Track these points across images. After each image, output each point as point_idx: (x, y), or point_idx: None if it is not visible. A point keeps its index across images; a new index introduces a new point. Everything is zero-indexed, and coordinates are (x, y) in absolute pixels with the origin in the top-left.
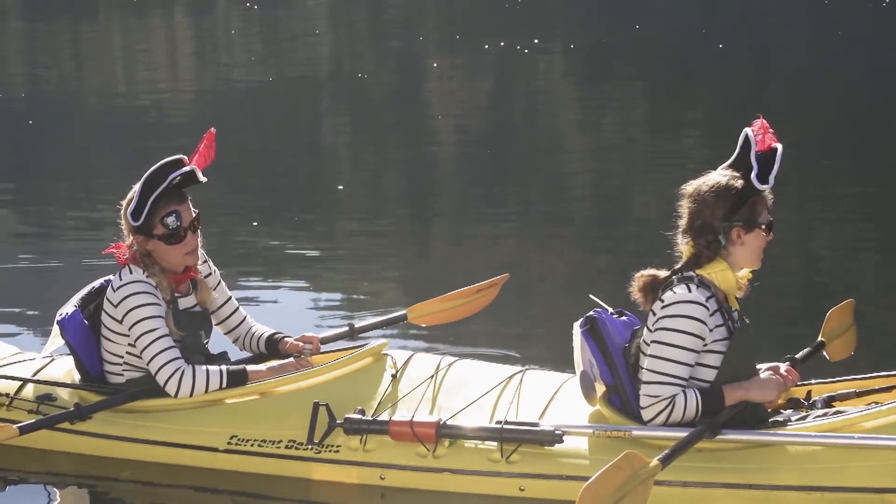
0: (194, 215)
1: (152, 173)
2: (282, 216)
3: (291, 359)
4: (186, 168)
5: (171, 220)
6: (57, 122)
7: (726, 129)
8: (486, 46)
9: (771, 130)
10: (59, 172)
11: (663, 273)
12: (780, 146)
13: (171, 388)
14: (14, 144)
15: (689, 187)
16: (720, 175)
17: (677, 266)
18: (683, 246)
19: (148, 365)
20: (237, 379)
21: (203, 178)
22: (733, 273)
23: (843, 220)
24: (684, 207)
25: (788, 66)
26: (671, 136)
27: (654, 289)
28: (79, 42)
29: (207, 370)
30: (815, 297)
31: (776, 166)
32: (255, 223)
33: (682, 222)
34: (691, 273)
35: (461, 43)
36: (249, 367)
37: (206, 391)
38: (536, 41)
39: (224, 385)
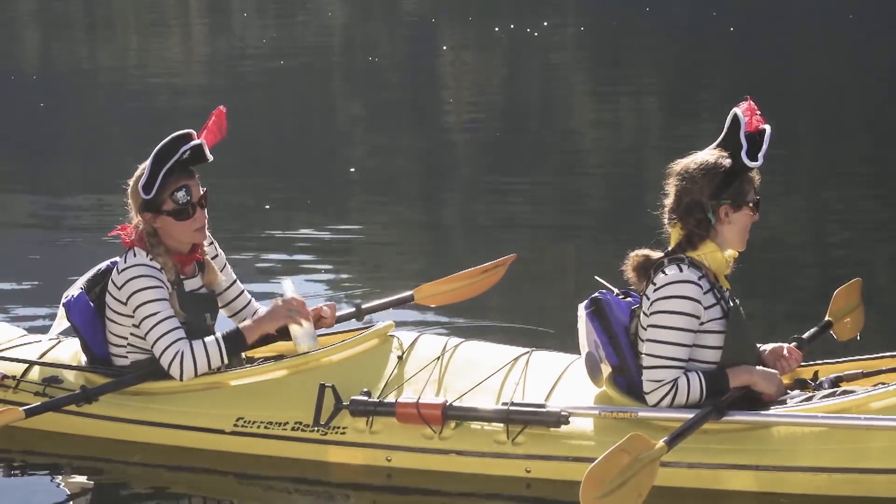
0: (202, 192)
1: (163, 147)
2: (293, 198)
3: (276, 301)
4: (196, 141)
5: (180, 194)
6: (68, 104)
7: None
8: (497, 29)
9: (758, 112)
10: (67, 154)
11: (657, 254)
12: (768, 127)
13: (174, 372)
14: (24, 126)
15: (677, 166)
16: (708, 154)
17: (670, 248)
18: (671, 226)
19: (152, 348)
20: (236, 343)
21: (210, 156)
22: (721, 252)
23: (851, 199)
24: (671, 186)
25: (802, 47)
26: (684, 119)
27: (647, 268)
28: (94, 27)
29: (204, 344)
30: (822, 276)
31: (765, 145)
32: (268, 206)
33: (669, 201)
34: (681, 254)
35: (472, 25)
36: (242, 325)
37: (210, 366)
38: (546, 24)
39: (224, 357)
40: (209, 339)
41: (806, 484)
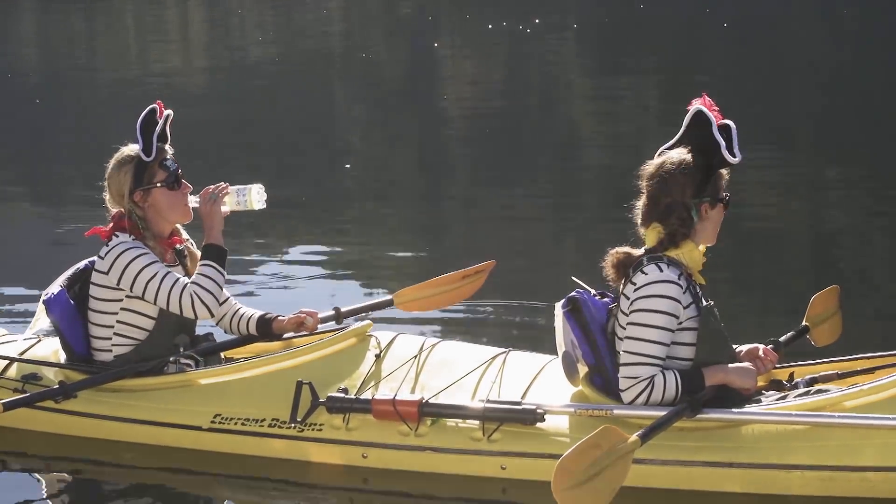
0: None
1: (146, 117)
2: (283, 197)
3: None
4: (169, 111)
5: (169, 161)
6: (63, 102)
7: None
8: (490, 27)
9: (716, 108)
10: (52, 153)
11: (637, 251)
12: (731, 122)
13: (201, 312)
14: (16, 123)
15: (650, 167)
16: (682, 153)
17: (647, 247)
18: (644, 227)
19: (168, 305)
20: (217, 254)
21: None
22: (698, 250)
23: (830, 206)
24: (648, 188)
25: (796, 44)
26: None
27: (627, 266)
28: (92, 20)
29: (203, 275)
30: (799, 280)
31: (736, 139)
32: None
33: (643, 203)
34: (659, 253)
35: (467, 23)
36: (206, 241)
37: (221, 287)
38: (537, 21)
39: (221, 269)
40: (200, 268)
41: (779, 482)
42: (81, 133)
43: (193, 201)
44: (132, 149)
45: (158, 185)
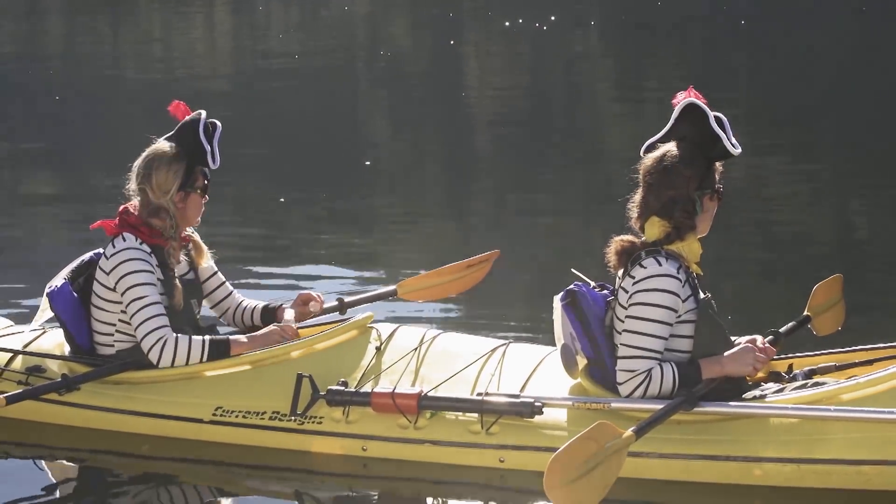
0: None
1: (209, 123)
2: (302, 194)
3: (273, 326)
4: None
5: (206, 170)
6: (84, 98)
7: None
8: (507, 24)
9: (704, 100)
10: (57, 145)
11: (639, 240)
12: (721, 114)
13: (153, 356)
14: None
15: (649, 161)
16: (682, 147)
17: (655, 240)
18: (646, 222)
19: (135, 331)
20: (219, 350)
21: None
22: (697, 241)
23: (831, 196)
24: (648, 183)
25: (811, 42)
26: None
27: (630, 254)
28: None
29: (190, 340)
30: (801, 271)
31: (730, 131)
32: (283, 199)
33: (640, 197)
34: (657, 247)
35: (483, 21)
36: (233, 338)
37: (188, 362)
38: (553, 18)
39: (205, 357)
40: (196, 337)
41: (775, 474)
42: (100, 131)
43: (290, 317)
44: (177, 147)
45: (198, 190)
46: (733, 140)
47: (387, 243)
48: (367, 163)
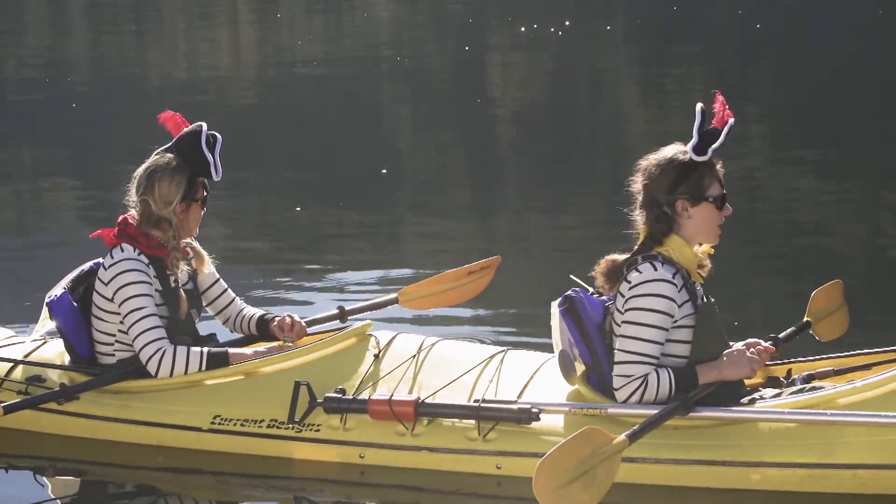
0: None
1: (211, 135)
2: (317, 203)
3: (276, 344)
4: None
5: (207, 182)
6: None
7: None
8: (523, 29)
9: (727, 106)
10: (62, 152)
11: (622, 256)
12: (732, 120)
13: (151, 367)
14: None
15: (643, 162)
16: (668, 149)
17: (637, 246)
18: (641, 224)
19: (133, 343)
20: (218, 361)
21: None
22: (690, 248)
23: (831, 201)
24: (638, 184)
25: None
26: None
27: (615, 272)
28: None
29: (188, 352)
30: (799, 276)
31: (720, 140)
32: (299, 207)
33: (637, 199)
34: (654, 252)
35: (497, 26)
36: (232, 350)
37: (186, 372)
38: (567, 23)
39: (203, 368)
40: (195, 348)
41: (772, 480)
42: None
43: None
44: (179, 159)
45: (199, 201)
46: (713, 147)
47: (398, 252)
48: (384, 171)
